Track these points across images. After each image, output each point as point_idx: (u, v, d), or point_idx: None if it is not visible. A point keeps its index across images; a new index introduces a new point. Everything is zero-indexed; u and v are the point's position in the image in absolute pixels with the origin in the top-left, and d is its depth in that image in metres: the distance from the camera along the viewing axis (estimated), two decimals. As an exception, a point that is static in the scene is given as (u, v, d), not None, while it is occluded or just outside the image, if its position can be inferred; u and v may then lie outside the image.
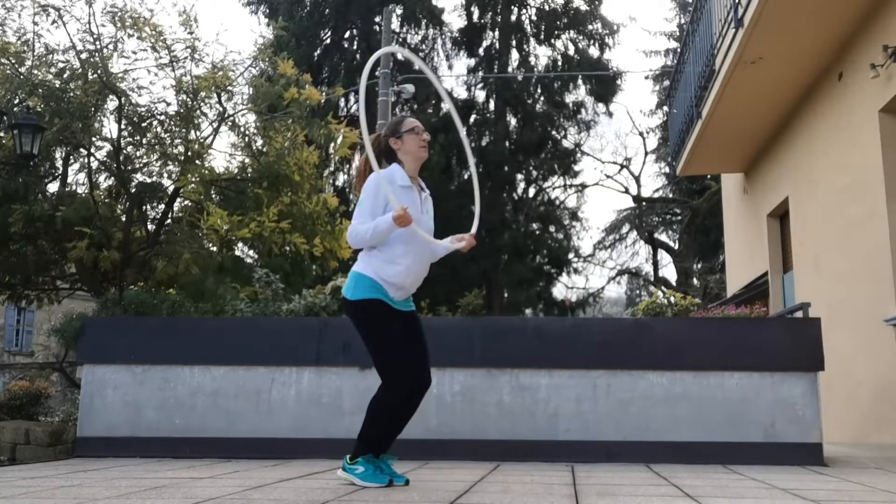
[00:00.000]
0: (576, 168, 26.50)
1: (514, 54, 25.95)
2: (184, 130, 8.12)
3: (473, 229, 3.74)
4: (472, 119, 25.14)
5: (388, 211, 3.41)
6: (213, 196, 8.39)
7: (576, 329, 5.62)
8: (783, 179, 9.28)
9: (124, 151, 8.11)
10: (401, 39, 25.29)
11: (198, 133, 8.27)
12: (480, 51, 25.77)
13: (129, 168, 8.23)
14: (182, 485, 3.58)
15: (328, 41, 25.10)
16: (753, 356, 5.17)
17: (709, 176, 20.96)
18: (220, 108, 8.23)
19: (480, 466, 4.57)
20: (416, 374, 3.47)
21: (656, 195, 29.37)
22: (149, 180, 8.45)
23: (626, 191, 28.29)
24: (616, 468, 4.62)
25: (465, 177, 24.06)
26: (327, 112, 10.85)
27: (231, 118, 8.38)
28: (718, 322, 5.43)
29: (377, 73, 16.32)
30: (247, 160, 8.56)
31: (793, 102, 8.63)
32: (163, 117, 8.17)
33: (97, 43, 7.90)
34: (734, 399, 5.14)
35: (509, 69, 25.47)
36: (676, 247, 27.42)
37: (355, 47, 25.47)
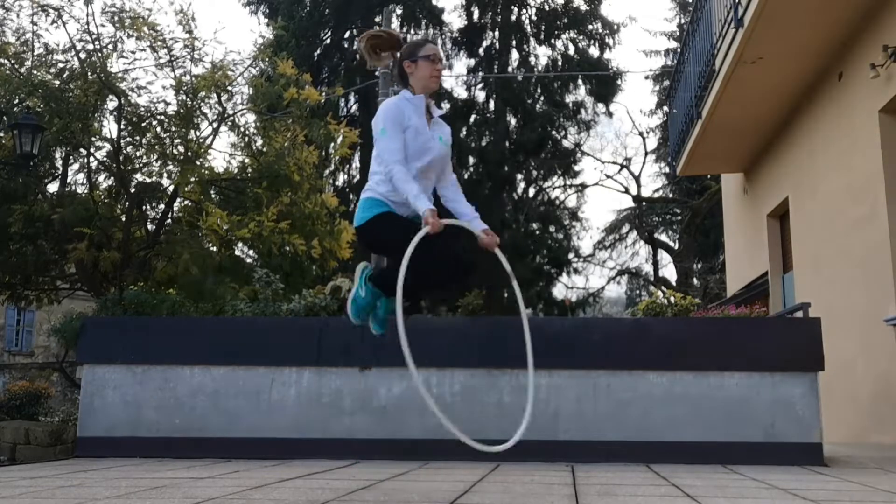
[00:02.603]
0: (576, 168, 26.51)
1: (514, 54, 25.95)
2: (183, 130, 8.12)
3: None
4: (472, 119, 25.12)
5: (409, 133, 3.28)
6: (213, 196, 8.39)
7: (576, 329, 5.61)
8: (783, 179, 9.28)
9: (124, 151, 8.11)
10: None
11: (197, 133, 8.27)
12: (480, 51, 25.76)
13: (129, 168, 8.23)
14: (182, 485, 3.58)
15: (328, 41, 25.10)
16: (753, 356, 5.16)
17: (709, 176, 20.94)
18: (220, 108, 8.23)
19: (480, 466, 4.56)
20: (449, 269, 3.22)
21: (656, 195, 29.38)
22: (148, 180, 8.45)
23: (626, 191, 28.33)
24: (616, 468, 4.62)
25: (465, 177, 24.04)
26: (327, 112, 10.84)
27: (231, 118, 8.38)
28: (718, 322, 5.43)
29: (377, 73, 16.31)
30: (247, 160, 8.57)
31: (793, 102, 8.63)
32: (162, 117, 8.18)
33: (96, 43, 7.90)
34: (734, 399, 5.14)
35: (509, 69, 25.45)
36: (676, 247, 27.41)
37: (355, 47, 25.46)
